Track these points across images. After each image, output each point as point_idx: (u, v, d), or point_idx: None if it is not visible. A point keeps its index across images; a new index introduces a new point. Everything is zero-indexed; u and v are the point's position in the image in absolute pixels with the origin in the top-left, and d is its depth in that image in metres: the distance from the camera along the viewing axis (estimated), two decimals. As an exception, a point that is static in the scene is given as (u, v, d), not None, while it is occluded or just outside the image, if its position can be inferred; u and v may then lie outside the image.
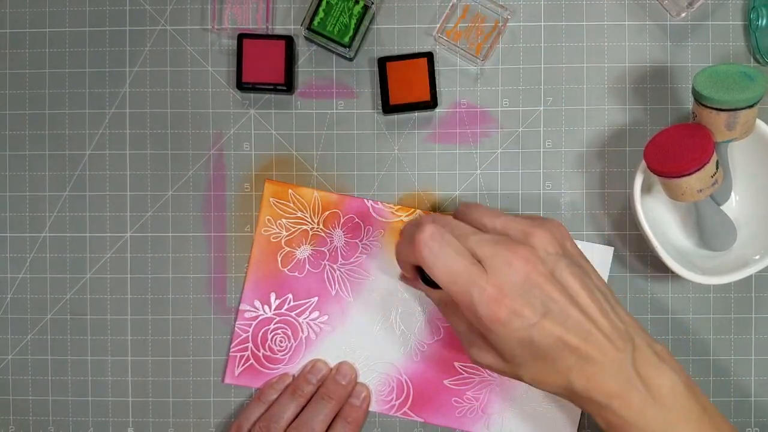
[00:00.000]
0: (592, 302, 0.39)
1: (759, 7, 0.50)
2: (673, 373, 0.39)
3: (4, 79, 0.52)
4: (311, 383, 0.50)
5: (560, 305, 0.38)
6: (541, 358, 0.39)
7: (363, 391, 0.51)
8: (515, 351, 0.39)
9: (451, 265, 0.38)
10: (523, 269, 0.38)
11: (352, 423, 0.49)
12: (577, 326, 0.38)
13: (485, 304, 0.38)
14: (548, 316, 0.38)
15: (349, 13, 0.49)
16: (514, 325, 0.38)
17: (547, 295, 0.38)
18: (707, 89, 0.43)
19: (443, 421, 0.51)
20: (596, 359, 0.38)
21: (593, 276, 0.41)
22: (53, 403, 0.52)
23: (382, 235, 0.51)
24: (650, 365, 0.39)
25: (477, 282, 0.38)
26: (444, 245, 0.39)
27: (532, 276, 0.38)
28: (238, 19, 0.52)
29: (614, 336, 0.39)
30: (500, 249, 0.38)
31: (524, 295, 0.38)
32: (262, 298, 0.52)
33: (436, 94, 0.50)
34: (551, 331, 0.38)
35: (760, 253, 0.47)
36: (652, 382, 0.39)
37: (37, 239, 0.52)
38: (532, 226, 0.40)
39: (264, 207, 0.52)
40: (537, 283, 0.38)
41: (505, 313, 0.38)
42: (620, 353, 0.38)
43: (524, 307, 0.38)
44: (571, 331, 0.38)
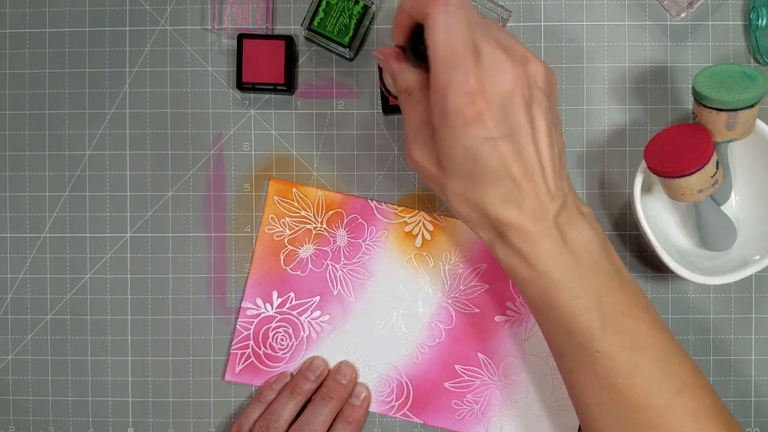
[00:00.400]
0: (549, 151, 0.39)
1: (759, 7, 0.50)
2: (592, 231, 0.39)
3: (4, 79, 0.52)
4: (310, 380, 0.50)
5: (523, 136, 0.37)
6: (475, 176, 0.38)
7: (363, 392, 0.50)
8: (456, 158, 0.38)
9: (456, 35, 0.36)
10: (511, 82, 0.37)
11: (353, 423, 0.49)
12: (526, 161, 0.38)
13: (460, 93, 0.36)
14: (507, 139, 0.37)
15: (349, 13, 0.49)
16: (472, 130, 0.37)
17: (517, 120, 0.37)
18: (707, 89, 0.43)
19: (443, 423, 0.51)
20: (527, 197, 0.38)
21: (559, 132, 0.41)
22: (53, 403, 0.52)
23: (385, 236, 0.51)
24: (572, 222, 0.39)
25: (466, 66, 0.36)
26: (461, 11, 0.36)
27: (516, 94, 0.37)
28: (238, 19, 0.52)
29: (552, 186, 0.39)
30: (501, 54, 0.37)
31: (499, 108, 0.37)
32: (264, 296, 0.52)
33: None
34: (502, 152, 0.37)
35: (760, 253, 0.47)
36: (568, 235, 0.39)
37: (37, 239, 0.52)
38: (533, 56, 0.39)
39: (268, 205, 0.52)
40: (515, 104, 0.37)
41: (472, 113, 0.36)
42: (550, 201, 0.38)
43: (491, 119, 0.36)
44: (519, 163, 0.37)
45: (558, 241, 0.39)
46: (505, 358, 0.51)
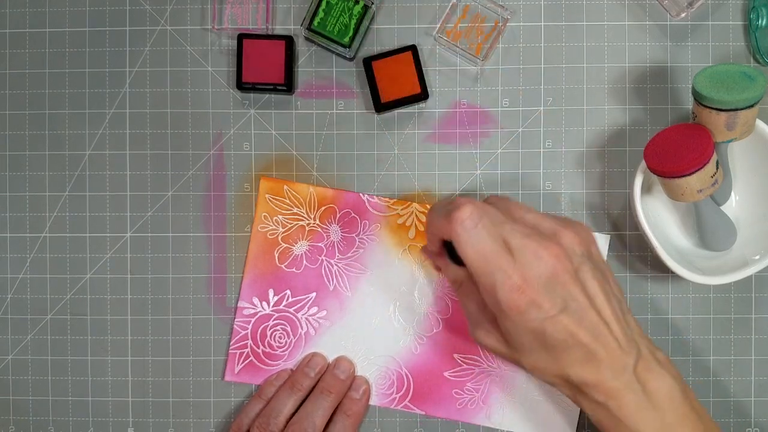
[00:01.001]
0: (608, 306, 0.40)
1: (759, 7, 0.50)
2: (672, 379, 0.40)
3: (4, 79, 0.52)
4: (309, 377, 0.50)
5: (579, 303, 0.39)
6: (548, 349, 0.40)
7: (363, 385, 0.51)
8: (524, 339, 0.40)
9: (483, 246, 0.39)
10: (550, 264, 0.39)
11: (352, 416, 0.49)
12: (591, 325, 0.39)
13: (507, 290, 0.39)
14: (566, 312, 0.39)
15: (349, 13, 0.49)
16: (530, 315, 0.39)
17: (568, 292, 0.39)
18: (707, 89, 0.43)
19: (444, 413, 0.51)
20: (602, 357, 0.39)
21: (612, 282, 0.42)
22: (53, 403, 0.52)
23: (378, 229, 0.51)
24: (651, 370, 0.40)
25: (504, 267, 0.39)
26: (480, 226, 0.40)
27: (558, 272, 0.39)
28: (238, 19, 0.52)
29: (622, 339, 0.40)
30: (531, 242, 0.39)
31: (547, 288, 0.39)
32: (260, 295, 0.52)
33: (426, 86, 0.50)
34: (566, 325, 0.39)
35: (760, 253, 0.47)
36: (651, 386, 0.40)
37: (37, 239, 0.52)
38: (563, 226, 0.41)
39: (260, 204, 0.52)
40: (561, 280, 0.39)
41: (525, 303, 0.39)
42: (625, 356, 0.40)
43: (544, 300, 0.39)
44: (584, 329, 0.39)
45: (641, 395, 0.40)
46: None
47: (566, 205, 0.52)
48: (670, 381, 0.40)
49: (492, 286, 0.39)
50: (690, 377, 0.51)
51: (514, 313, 0.39)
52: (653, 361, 0.41)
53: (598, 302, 0.40)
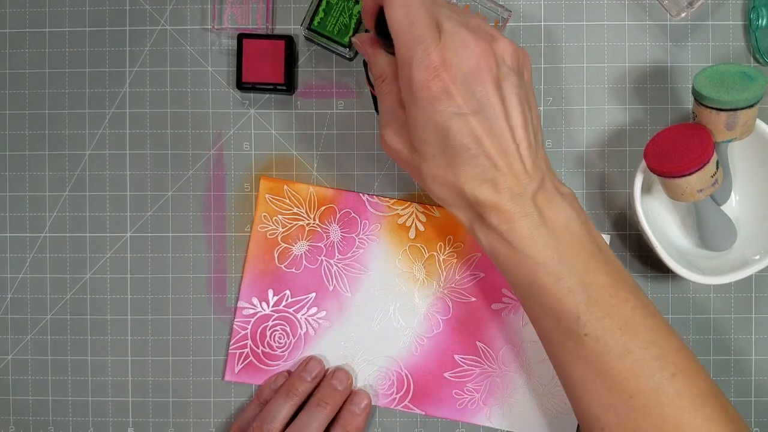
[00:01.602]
0: (523, 127, 0.38)
1: (759, 7, 0.50)
2: (572, 210, 0.39)
3: (4, 79, 0.52)
4: (306, 381, 0.49)
5: (493, 111, 0.37)
6: (449, 154, 0.37)
7: (364, 400, 0.50)
8: (428, 136, 0.37)
9: (414, 12, 0.36)
10: (475, 58, 0.36)
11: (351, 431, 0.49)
12: (500, 137, 0.37)
13: (423, 67, 0.36)
14: (478, 114, 0.37)
15: (349, 13, 0.49)
16: (440, 105, 0.36)
17: (485, 95, 0.37)
18: (707, 89, 0.43)
19: (445, 413, 0.51)
20: (503, 174, 0.37)
21: (533, 111, 0.40)
22: (53, 403, 0.52)
23: (378, 229, 0.51)
24: (551, 201, 0.39)
25: (427, 42, 0.36)
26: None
27: (482, 70, 0.37)
28: (238, 19, 0.52)
29: (528, 163, 0.38)
30: (464, 30, 0.37)
31: (464, 82, 0.36)
32: (259, 295, 0.52)
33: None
34: (474, 128, 0.37)
35: (760, 253, 0.47)
36: (548, 214, 0.38)
37: (37, 239, 0.52)
38: (502, 36, 0.39)
39: (260, 203, 0.52)
40: (481, 80, 0.37)
41: (438, 88, 0.36)
42: (527, 180, 0.38)
43: (458, 93, 0.36)
44: (492, 138, 0.37)
45: (537, 220, 0.38)
46: (503, 345, 0.51)
47: (566, 205, 0.52)
48: (569, 211, 0.39)
49: (410, 59, 0.36)
50: (690, 377, 0.51)
51: (423, 96, 0.36)
52: (555, 192, 0.39)
53: (513, 118, 0.38)
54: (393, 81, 0.40)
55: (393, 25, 0.37)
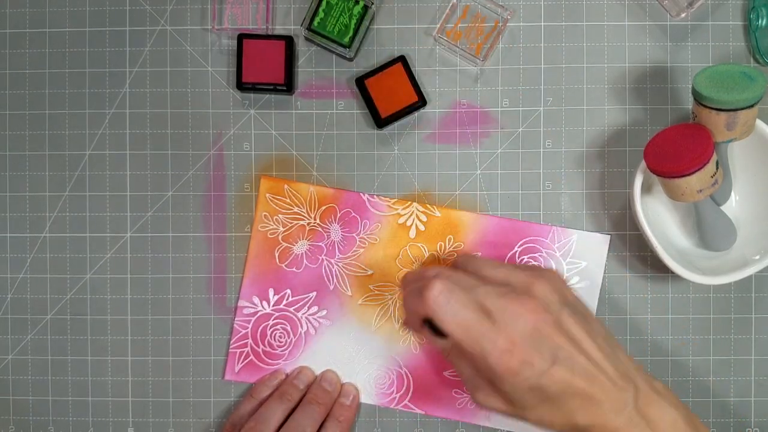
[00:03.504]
0: (596, 348, 0.40)
1: (759, 7, 0.50)
2: (673, 409, 0.41)
3: (4, 79, 0.52)
4: (298, 388, 0.50)
5: (567, 352, 0.40)
6: (549, 402, 0.40)
7: (352, 392, 0.51)
8: (524, 397, 0.40)
9: (462, 318, 0.40)
10: (531, 320, 0.39)
11: (344, 422, 0.50)
12: (584, 371, 0.40)
13: (497, 355, 0.39)
14: (557, 364, 0.39)
15: (349, 13, 0.49)
16: (525, 374, 0.39)
17: (555, 343, 0.40)
18: (707, 89, 0.43)
19: (444, 413, 0.51)
20: (601, 399, 0.40)
21: (593, 322, 0.42)
22: (53, 403, 0.52)
23: (379, 229, 0.51)
24: (651, 403, 0.40)
25: (487, 334, 0.39)
26: (453, 300, 0.40)
27: (540, 326, 0.40)
28: (238, 19, 0.52)
29: (617, 378, 0.40)
30: (507, 301, 0.40)
31: (534, 345, 0.39)
32: (260, 294, 0.52)
33: (422, 93, 0.50)
34: (560, 377, 0.39)
35: (760, 253, 0.47)
36: (653, 418, 0.40)
37: (37, 239, 0.52)
38: (533, 277, 0.41)
39: (260, 203, 0.52)
40: (545, 333, 0.40)
41: (517, 364, 0.39)
42: (623, 393, 0.40)
43: (534, 357, 0.39)
44: (578, 376, 0.39)
45: (644, 428, 0.40)
46: None
47: (566, 205, 0.52)
48: (672, 410, 0.40)
49: (481, 354, 0.39)
50: (690, 377, 0.51)
51: (508, 376, 0.39)
52: (652, 393, 0.41)
53: (585, 346, 0.40)
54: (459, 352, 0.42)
55: (450, 334, 0.40)
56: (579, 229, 0.51)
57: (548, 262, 0.51)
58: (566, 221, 0.52)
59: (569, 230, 0.51)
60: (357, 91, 0.51)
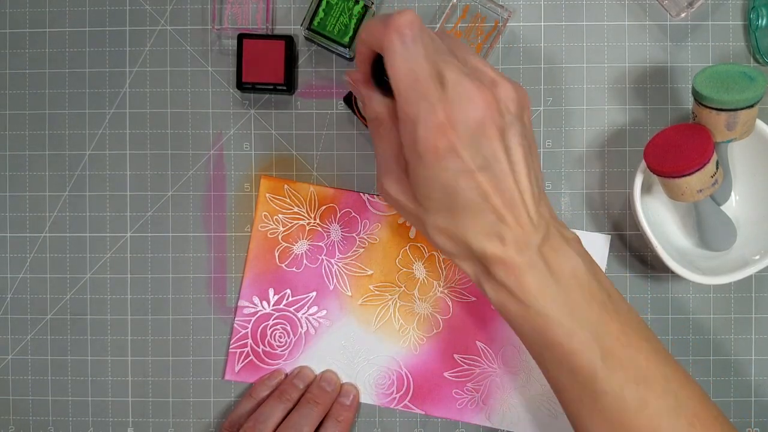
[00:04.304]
0: (527, 177, 0.37)
1: (759, 7, 0.50)
2: (578, 257, 0.38)
3: (4, 79, 0.52)
4: (298, 388, 0.50)
5: (501, 166, 0.36)
6: (454, 210, 0.37)
7: (352, 392, 0.51)
8: (433, 193, 0.37)
9: (417, 65, 0.35)
10: (480, 112, 0.35)
11: (343, 422, 0.49)
12: (507, 192, 0.36)
13: (429, 126, 0.35)
14: (485, 171, 0.36)
15: (349, 13, 0.49)
16: (447, 163, 0.35)
17: (492, 150, 0.36)
18: (707, 89, 0.43)
19: (444, 413, 0.51)
20: (510, 227, 0.37)
21: (535, 156, 0.39)
22: (53, 403, 0.52)
23: (378, 229, 0.51)
24: (557, 249, 0.38)
25: (432, 98, 0.35)
26: (418, 41, 0.35)
27: (486, 123, 0.36)
28: (238, 19, 0.52)
29: (534, 214, 0.37)
30: (466, 81, 0.35)
31: (471, 138, 0.35)
32: (260, 294, 0.52)
33: None
34: (481, 185, 0.36)
35: (760, 253, 0.47)
36: (554, 263, 0.37)
37: (37, 239, 0.52)
38: (503, 78, 0.38)
39: (260, 203, 0.52)
40: (488, 135, 0.36)
41: (444, 146, 0.35)
42: (533, 231, 0.37)
43: (465, 150, 0.35)
44: (499, 193, 0.36)
45: (544, 272, 0.37)
46: (503, 345, 0.51)
47: (566, 205, 0.52)
48: (576, 259, 0.38)
49: (414, 117, 0.35)
50: (690, 377, 0.51)
51: (430, 156, 0.35)
52: (561, 240, 0.38)
53: (518, 170, 0.37)
54: (391, 126, 0.39)
55: (395, 78, 0.35)
56: (579, 229, 0.51)
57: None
58: (566, 221, 0.52)
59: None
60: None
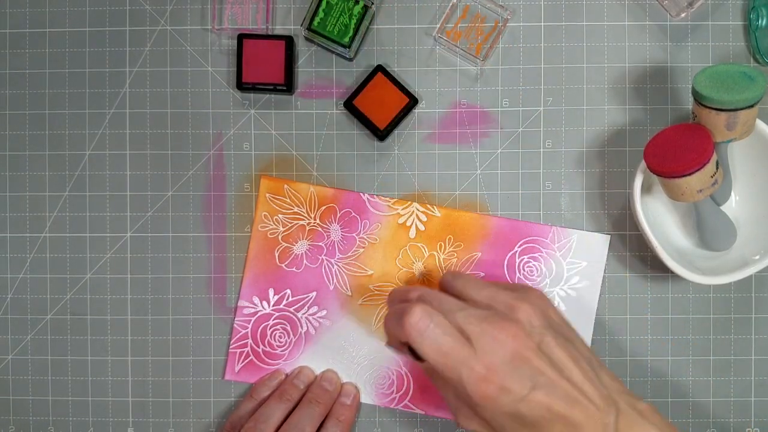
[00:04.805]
0: (578, 371, 0.40)
1: (759, 7, 0.50)
2: (656, 430, 0.40)
3: (4, 79, 0.52)
4: (298, 388, 0.50)
5: (548, 377, 0.39)
6: (528, 427, 0.39)
7: (353, 391, 0.51)
8: (504, 423, 0.39)
9: (440, 345, 0.39)
10: (510, 346, 0.39)
11: (344, 421, 0.50)
12: (564, 395, 0.39)
13: (474, 382, 0.39)
14: (536, 389, 0.39)
15: (349, 13, 0.49)
16: (502, 401, 0.38)
17: (534, 368, 0.39)
18: (707, 89, 0.43)
19: (444, 413, 0.51)
20: (582, 424, 0.39)
21: (578, 344, 0.42)
22: (53, 403, 0.52)
23: (379, 229, 0.51)
24: (633, 424, 0.40)
25: (465, 361, 0.39)
26: (433, 326, 0.39)
27: (520, 351, 0.39)
28: (238, 19, 0.52)
29: (598, 400, 0.39)
30: (487, 326, 0.39)
31: (512, 371, 0.39)
32: (260, 294, 0.52)
33: (410, 92, 0.50)
34: (539, 402, 0.39)
35: (760, 253, 0.47)
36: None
37: (37, 239, 0.52)
38: (516, 299, 0.41)
39: (260, 203, 0.52)
40: (525, 358, 0.39)
41: (494, 391, 0.38)
42: (605, 416, 0.39)
43: (513, 383, 0.38)
44: (558, 400, 0.39)
45: None
46: None
47: (566, 205, 0.52)
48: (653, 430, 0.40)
49: (459, 380, 0.39)
50: (690, 377, 0.51)
51: (486, 402, 0.39)
52: (634, 414, 0.40)
53: (566, 370, 0.40)
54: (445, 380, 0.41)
55: (428, 359, 0.39)
56: (579, 229, 0.51)
57: (548, 262, 0.51)
58: (566, 221, 0.52)
59: (569, 230, 0.51)
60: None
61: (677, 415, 0.51)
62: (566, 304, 0.51)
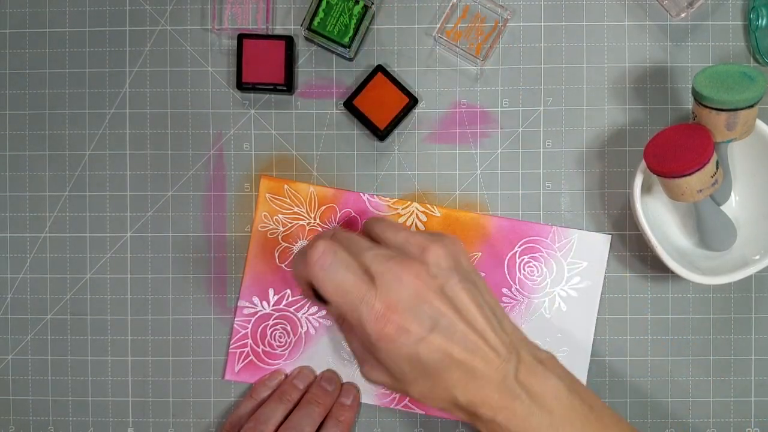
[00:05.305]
0: (482, 317, 0.39)
1: (759, 7, 0.50)
2: (557, 378, 0.40)
3: (4, 79, 0.52)
4: (298, 389, 0.50)
5: (448, 319, 0.38)
6: (428, 374, 0.39)
7: (353, 391, 0.51)
8: (403, 368, 0.39)
9: (340, 281, 0.38)
10: (412, 285, 0.38)
11: (344, 422, 0.49)
12: (464, 339, 0.38)
13: (373, 320, 0.38)
14: (435, 331, 0.38)
15: (349, 13, 0.49)
16: (401, 341, 0.38)
17: (435, 309, 0.38)
18: (707, 89, 0.43)
19: (444, 413, 0.51)
20: (481, 371, 0.38)
21: (484, 291, 0.41)
22: (53, 403, 0.52)
23: None
24: (534, 374, 0.39)
25: (366, 298, 0.38)
26: (334, 261, 0.38)
27: (421, 291, 0.38)
28: (238, 19, 0.52)
29: (499, 348, 0.39)
30: (392, 264, 0.38)
31: (413, 310, 0.38)
32: (260, 294, 0.52)
33: (410, 92, 0.50)
34: (438, 345, 0.38)
35: (760, 253, 0.47)
36: (535, 390, 0.39)
37: (37, 239, 0.52)
38: (429, 241, 0.40)
39: (260, 203, 0.52)
40: (426, 299, 0.38)
41: (393, 330, 0.38)
42: (505, 364, 0.39)
43: (412, 323, 0.38)
44: (457, 344, 0.38)
45: (526, 401, 0.39)
46: None
47: (566, 205, 0.52)
48: (555, 381, 0.39)
49: (358, 319, 0.38)
50: (690, 377, 0.51)
51: (384, 343, 0.38)
52: (535, 363, 0.40)
53: (469, 314, 0.39)
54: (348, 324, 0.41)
55: (329, 299, 0.38)
56: (579, 229, 0.51)
57: (549, 262, 0.51)
58: (566, 221, 0.52)
59: (570, 230, 0.51)
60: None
61: (677, 415, 0.51)
62: (567, 304, 0.51)
